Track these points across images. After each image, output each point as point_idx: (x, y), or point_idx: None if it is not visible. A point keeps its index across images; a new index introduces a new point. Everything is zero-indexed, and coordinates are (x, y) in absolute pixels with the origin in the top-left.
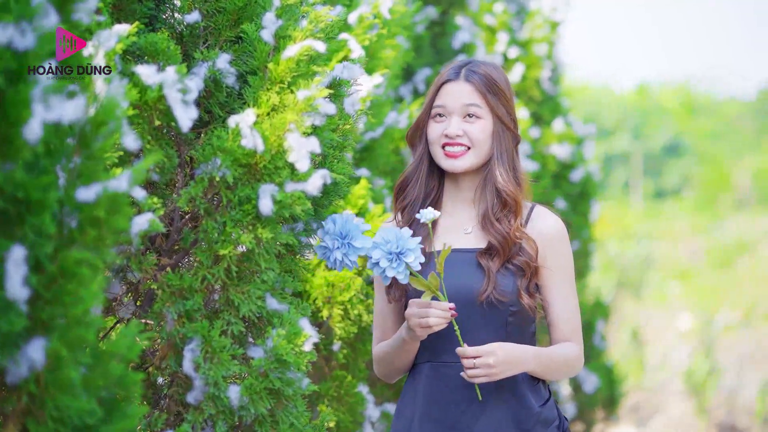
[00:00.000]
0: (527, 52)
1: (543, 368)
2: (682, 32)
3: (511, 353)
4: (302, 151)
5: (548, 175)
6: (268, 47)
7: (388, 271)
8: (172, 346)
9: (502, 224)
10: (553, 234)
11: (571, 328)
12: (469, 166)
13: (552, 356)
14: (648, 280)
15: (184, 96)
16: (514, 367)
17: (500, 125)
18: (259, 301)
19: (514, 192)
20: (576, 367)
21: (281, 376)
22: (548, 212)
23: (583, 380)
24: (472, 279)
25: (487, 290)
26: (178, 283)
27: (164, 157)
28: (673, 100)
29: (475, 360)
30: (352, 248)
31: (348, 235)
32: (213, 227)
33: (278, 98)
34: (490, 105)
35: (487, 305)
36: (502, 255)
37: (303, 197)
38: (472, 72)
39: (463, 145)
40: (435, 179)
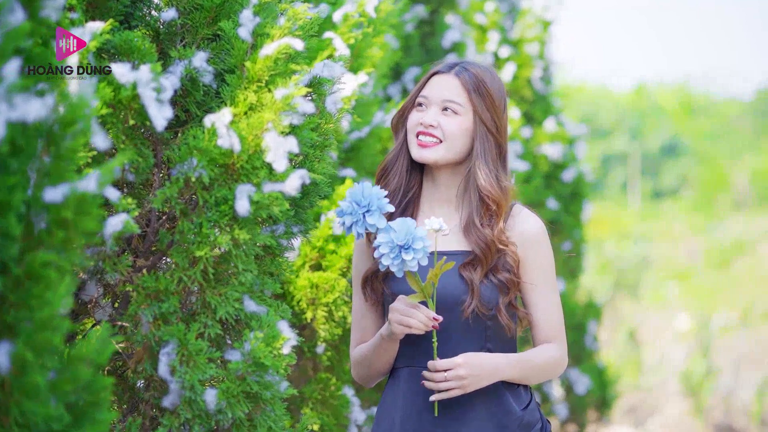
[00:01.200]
0: (518, 51)
1: (521, 374)
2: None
3: (482, 363)
4: (280, 150)
5: (540, 175)
6: (246, 45)
7: (385, 259)
8: (148, 349)
9: (485, 230)
10: (533, 234)
11: (553, 329)
12: (436, 159)
13: (531, 361)
14: (645, 281)
15: (158, 95)
16: (487, 377)
17: (483, 128)
18: (236, 303)
19: (497, 196)
20: (558, 368)
21: (259, 380)
22: (528, 211)
23: (574, 382)
24: (455, 288)
25: (471, 304)
26: (153, 285)
27: (138, 156)
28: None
29: (446, 373)
30: (364, 221)
31: (368, 206)
32: (189, 228)
33: (256, 97)
34: (473, 104)
35: (471, 315)
36: (484, 264)
37: (281, 198)
38: (463, 69)
39: (435, 137)
40: (416, 177)
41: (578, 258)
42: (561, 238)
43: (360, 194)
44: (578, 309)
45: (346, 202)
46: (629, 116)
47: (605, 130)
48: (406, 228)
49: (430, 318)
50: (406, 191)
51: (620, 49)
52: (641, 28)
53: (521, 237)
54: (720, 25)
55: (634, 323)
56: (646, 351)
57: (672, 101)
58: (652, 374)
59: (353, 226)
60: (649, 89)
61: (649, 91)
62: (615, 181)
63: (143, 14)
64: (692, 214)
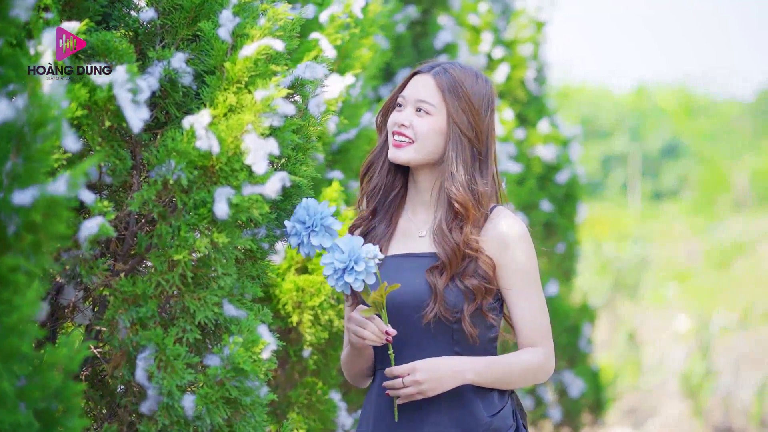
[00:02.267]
0: (512, 52)
1: (491, 378)
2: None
3: (440, 367)
4: (260, 152)
5: (533, 176)
6: (226, 46)
7: (330, 280)
8: (125, 354)
9: (453, 234)
10: (509, 235)
11: (535, 333)
12: (407, 159)
13: (504, 365)
14: (645, 282)
15: (135, 96)
16: (447, 381)
17: (456, 129)
18: (215, 307)
19: (464, 200)
20: (541, 373)
21: (239, 385)
22: (507, 214)
23: (568, 385)
24: (420, 291)
25: (434, 309)
26: (130, 290)
27: (116, 159)
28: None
29: (403, 378)
30: (309, 244)
31: (312, 226)
32: (167, 231)
33: (236, 98)
34: (447, 105)
35: (433, 319)
36: (449, 270)
37: (261, 200)
38: (442, 70)
39: (407, 137)
40: (400, 178)
41: (572, 260)
42: (555, 240)
43: (305, 213)
44: (572, 311)
45: (291, 223)
46: (629, 117)
47: (605, 130)
48: (350, 248)
49: (382, 331)
50: (388, 190)
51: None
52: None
53: (497, 239)
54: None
55: (634, 324)
56: (646, 352)
57: (672, 102)
58: (651, 375)
59: (300, 246)
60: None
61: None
62: (615, 182)
63: (122, 15)
64: (692, 215)
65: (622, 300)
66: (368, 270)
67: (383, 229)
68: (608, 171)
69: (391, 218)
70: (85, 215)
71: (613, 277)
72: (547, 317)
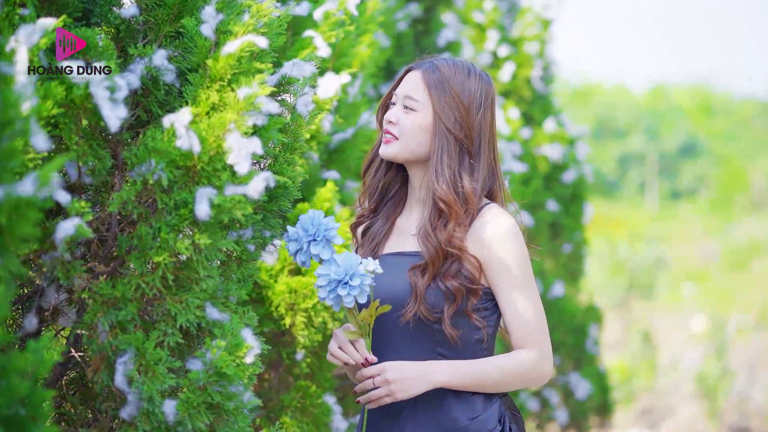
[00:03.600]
0: (518, 50)
1: (469, 381)
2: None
3: (410, 368)
4: (243, 152)
5: (539, 176)
6: (209, 43)
7: (320, 292)
8: (105, 358)
9: (436, 233)
10: (495, 232)
11: (525, 333)
12: (393, 156)
13: (483, 368)
14: (661, 282)
15: (112, 94)
16: (416, 383)
17: (441, 126)
18: (198, 310)
19: (446, 198)
20: (532, 375)
21: (222, 390)
22: (496, 211)
23: (575, 387)
24: (401, 290)
25: (413, 308)
26: (109, 292)
27: (94, 158)
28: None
29: (374, 379)
30: (308, 249)
31: (314, 235)
32: (147, 233)
33: (218, 96)
34: (432, 102)
35: (413, 319)
36: (431, 269)
37: (244, 201)
38: (432, 66)
39: (392, 134)
40: (400, 175)
41: (579, 260)
42: (561, 240)
43: (309, 222)
44: (579, 312)
45: (294, 228)
46: (646, 116)
47: (622, 130)
48: (348, 263)
49: (362, 358)
50: (386, 188)
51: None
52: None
53: (483, 238)
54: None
55: (649, 325)
56: (661, 352)
57: (689, 101)
58: (666, 376)
59: (297, 253)
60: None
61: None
62: (632, 181)
63: (104, 11)
64: (709, 215)
65: (636, 300)
66: (362, 287)
67: (380, 226)
68: (625, 171)
69: (388, 216)
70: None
71: (627, 277)
72: (541, 317)
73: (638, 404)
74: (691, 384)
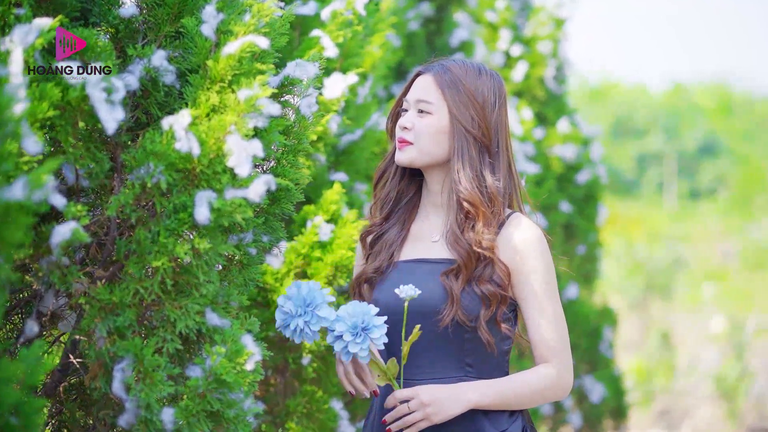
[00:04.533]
0: (531, 49)
1: (498, 400)
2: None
3: (442, 390)
4: (243, 154)
5: (552, 177)
6: (209, 43)
7: (351, 346)
8: (102, 365)
9: (465, 236)
10: (523, 242)
11: (550, 347)
12: (409, 161)
13: (513, 386)
14: (679, 282)
15: (109, 95)
16: (451, 404)
17: (459, 126)
18: (197, 316)
19: (471, 198)
20: (554, 391)
21: (221, 398)
22: (523, 220)
23: (589, 390)
24: (435, 296)
25: (451, 313)
26: (107, 298)
27: (92, 161)
28: (708, 98)
29: (408, 403)
30: (316, 317)
31: (312, 303)
32: (146, 237)
33: (219, 98)
34: (447, 103)
35: (450, 324)
36: (465, 273)
37: (245, 204)
38: (442, 67)
39: (408, 140)
40: (414, 181)
41: (593, 262)
42: (575, 242)
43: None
44: (593, 315)
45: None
46: (665, 115)
47: (641, 129)
48: (357, 310)
49: (369, 389)
50: (401, 196)
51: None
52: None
53: (513, 247)
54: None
55: (667, 325)
56: (679, 353)
57: (709, 100)
58: (684, 377)
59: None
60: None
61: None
62: (651, 181)
63: (102, 11)
64: (729, 215)
65: (654, 301)
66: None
67: (395, 233)
68: (644, 170)
69: (404, 223)
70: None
71: (645, 277)
72: (564, 330)
73: (656, 405)
74: (710, 385)
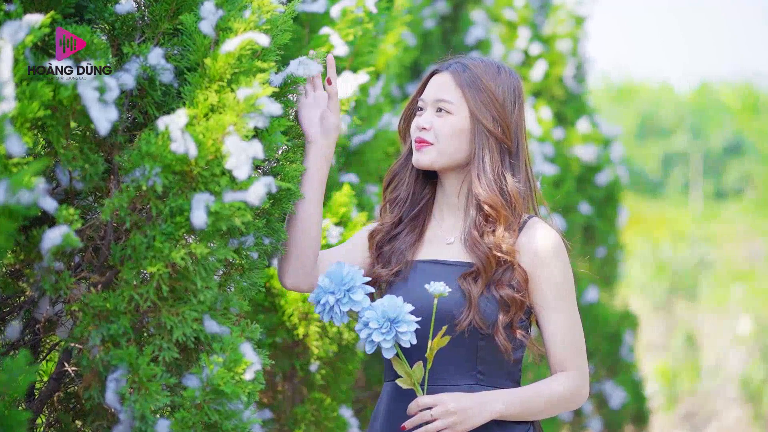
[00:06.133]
0: (550, 48)
1: (520, 409)
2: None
3: (467, 397)
4: (242, 156)
5: (572, 177)
6: (208, 40)
7: (376, 335)
8: (96, 374)
9: (485, 239)
10: (542, 248)
11: (566, 355)
12: (430, 163)
13: (533, 396)
14: (704, 283)
15: (102, 95)
16: (476, 413)
17: (480, 127)
18: (195, 323)
19: (492, 201)
20: (570, 401)
21: (219, 408)
22: (541, 225)
23: (609, 395)
24: (450, 300)
25: (468, 317)
26: (101, 304)
27: (85, 163)
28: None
29: (432, 410)
30: (348, 298)
31: (348, 284)
32: (141, 242)
33: (217, 97)
34: (468, 102)
35: (467, 329)
36: (484, 276)
37: (244, 208)
38: (460, 65)
39: (427, 141)
40: (429, 183)
41: (613, 264)
42: (595, 244)
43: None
44: (613, 318)
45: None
46: (691, 115)
47: (666, 129)
48: (391, 303)
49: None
50: (415, 200)
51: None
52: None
53: (532, 252)
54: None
55: (692, 326)
56: (704, 355)
57: (735, 99)
58: (710, 379)
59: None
60: (712, 87)
61: (711, 89)
62: (676, 181)
63: (99, 7)
64: (755, 215)
65: (679, 301)
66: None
67: (409, 235)
68: (669, 170)
69: (417, 225)
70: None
71: (670, 278)
72: (581, 338)
73: (681, 408)
74: (736, 387)
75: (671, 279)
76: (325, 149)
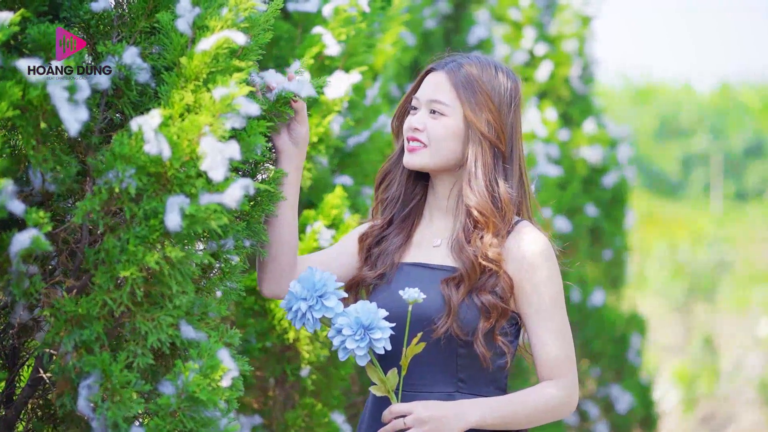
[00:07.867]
0: (556, 48)
1: (500, 420)
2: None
3: (441, 406)
4: (218, 157)
5: (578, 179)
6: (185, 39)
7: (349, 342)
8: (69, 381)
9: (471, 246)
10: (530, 254)
11: (554, 366)
12: (422, 165)
13: (515, 407)
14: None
15: (72, 95)
16: (453, 423)
17: (474, 130)
18: (171, 329)
19: (482, 208)
20: (559, 410)
21: (195, 416)
22: (530, 230)
23: (615, 399)
24: (430, 305)
25: (446, 323)
26: (73, 309)
27: (57, 164)
28: (755, 99)
29: (405, 418)
30: (320, 304)
31: (321, 290)
32: (114, 245)
33: (193, 97)
34: (462, 104)
35: (443, 336)
36: (467, 283)
37: (220, 210)
38: (456, 65)
39: (420, 141)
40: (421, 184)
41: (620, 267)
42: (601, 246)
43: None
44: (620, 321)
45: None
46: (712, 115)
47: (686, 130)
48: (365, 309)
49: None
50: (406, 200)
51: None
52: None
53: (518, 258)
54: None
55: (711, 329)
56: (723, 358)
57: (756, 100)
58: (728, 382)
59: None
60: (733, 88)
61: (732, 90)
62: (696, 182)
63: (74, 4)
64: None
65: (698, 304)
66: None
67: (397, 237)
68: (689, 171)
69: (405, 227)
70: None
71: (689, 279)
72: (571, 346)
73: (699, 411)
74: (754, 390)
75: (690, 281)
76: (295, 158)
